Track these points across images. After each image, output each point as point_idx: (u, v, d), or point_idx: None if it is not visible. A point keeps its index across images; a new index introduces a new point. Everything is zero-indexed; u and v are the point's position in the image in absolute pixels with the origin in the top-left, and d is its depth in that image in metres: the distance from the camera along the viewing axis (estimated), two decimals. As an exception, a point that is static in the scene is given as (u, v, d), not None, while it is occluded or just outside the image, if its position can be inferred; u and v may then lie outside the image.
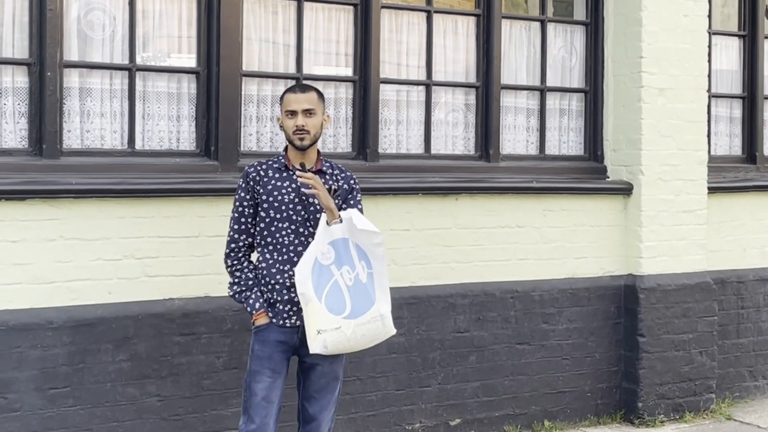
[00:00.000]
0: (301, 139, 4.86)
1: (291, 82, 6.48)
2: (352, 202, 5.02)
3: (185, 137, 6.20)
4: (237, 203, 4.95)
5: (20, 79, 5.70)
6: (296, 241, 4.84)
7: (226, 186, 6.01)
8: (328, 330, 4.74)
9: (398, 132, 6.91)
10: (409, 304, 6.57)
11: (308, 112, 4.88)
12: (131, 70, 5.98)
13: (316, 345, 4.74)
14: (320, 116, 4.94)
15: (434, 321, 6.69)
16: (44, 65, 5.67)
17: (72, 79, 5.85)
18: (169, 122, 6.15)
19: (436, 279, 6.72)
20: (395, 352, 6.52)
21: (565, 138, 7.56)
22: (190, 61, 6.21)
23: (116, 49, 6.00)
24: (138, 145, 6.03)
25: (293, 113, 4.88)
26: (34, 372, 5.49)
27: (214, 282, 5.97)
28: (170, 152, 6.12)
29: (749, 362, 8.04)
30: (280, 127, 5.00)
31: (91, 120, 5.92)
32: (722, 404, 7.74)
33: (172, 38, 6.18)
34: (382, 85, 6.75)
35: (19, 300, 5.48)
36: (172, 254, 5.90)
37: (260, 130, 6.44)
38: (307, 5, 6.56)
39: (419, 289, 6.64)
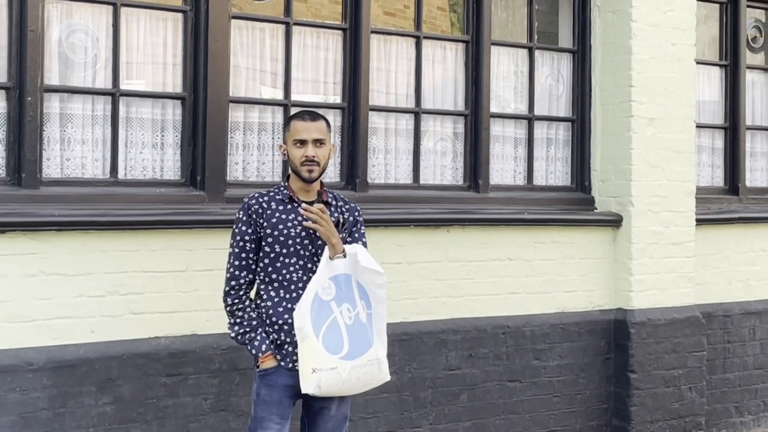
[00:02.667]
0: (310, 171, 4.58)
1: (278, 109, 6.23)
2: (356, 235, 4.76)
3: (170, 166, 5.89)
4: (237, 237, 4.63)
5: (-2, 103, 5.37)
6: (305, 278, 4.54)
7: (214, 217, 5.73)
8: (324, 369, 4.45)
9: (386, 161, 6.66)
10: (401, 341, 6.30)
11: (318, 142, 4.60)
12: (114, 95, 5.66)
13: (309, 385, 4.44)
14: (329, 146, 4.67)
15: (426, 358, 6.43)
16: (24, 89, 5.34)
17: (52, 104, 5.52)
18: (153, 150, 5.84)
19: (427, 314, 6.47)
20: (386, 392, 6.23)
21: (552, 168, 7.37)
22: (175, 86, 5.90)
23: (99, 73, 5.68)
24: (121, 175, 5.71)
25: (303, 143, 4.59)
26: (12, 417, 5.12)
27: (201, 319, 5.67)
28: (154, 182, 5.80)
29: (736, 398, 7.89)
30: (283, 155, 4.71)
31: (72, 148, 5.59)
32: (710, 441, 7.59)
33: (157, 62, 5.87)
34: (370, 113, 6.50)
35: (-4, 340, 5.13)
36: (158, 290, 5.57)
37: (247, 159, 6.15)
38: (295, 29, 6.30)
39: (411, 325, 6.38)
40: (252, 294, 4.70)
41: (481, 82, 6.90)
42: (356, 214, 4.80)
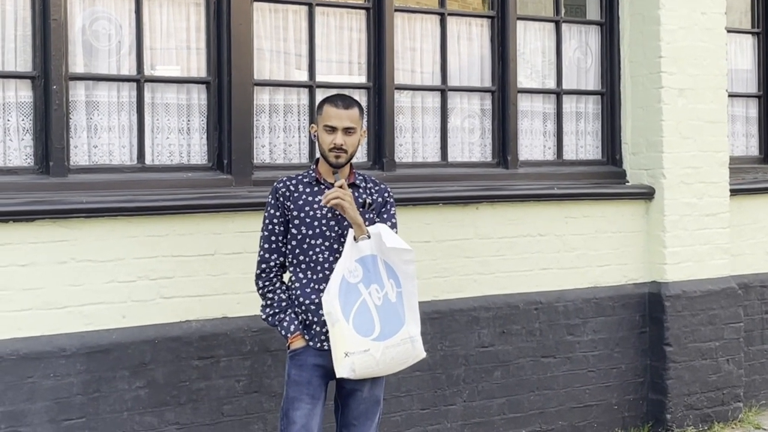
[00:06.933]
0: (337, 158, 4.57)
1: (303, 91, 6.22)
2: (385, 215, 4.73)
3: (196, 150, 5.91)
4: (266, 221, 4.66)
5: (24, 93, 5.39)
6: (331, 258, 4.55)
7: (241, 201, 5.75)
8: (356, 353, 4.45)
9: (414, 140, 6.64)
10: (432, 319, 6.29)
11: (348, 131, 4.58)
12: (139, 81, 5.69)
13: (343, 369, 4.45)
14: (359, 133, 4.66)
15: (458, 336, 6.43)
16: (49, 78, 5.37)
17: (78, 92, 5.55)
18: (180, 135, 5.87)
19: (458, 292, 6.46)
20: (419, 370, 6.22)
21: (582, 142, 7.32)
22: (200, 70, 5.92)
23: (123, 60, 5.71)
24: (148, 160, 5.74)
25: (333, 129, 4.57)
26: (47, 403, 5.18)
27: (231, 302, 5.70)
28: (181, 167, 5.82)
29: (775, 368, 7.84)
30: (313, 136, 4.72)
31: (99, 135, 5.62)
32: (749, 413, 7.51)
33: (181, 47, 5.88)
34: (396, 92, 6.48)
35: (29, 327, 5.17)
36: (188, 274, 5.60)
37: (273, 142, 6.16)
38: (318, 10, 6.29)
39: (442, 303, 6.37)
40: (285, 277, 4.72)
41: (508, 57, 6.86)
42: (386, 195, 4.77)
